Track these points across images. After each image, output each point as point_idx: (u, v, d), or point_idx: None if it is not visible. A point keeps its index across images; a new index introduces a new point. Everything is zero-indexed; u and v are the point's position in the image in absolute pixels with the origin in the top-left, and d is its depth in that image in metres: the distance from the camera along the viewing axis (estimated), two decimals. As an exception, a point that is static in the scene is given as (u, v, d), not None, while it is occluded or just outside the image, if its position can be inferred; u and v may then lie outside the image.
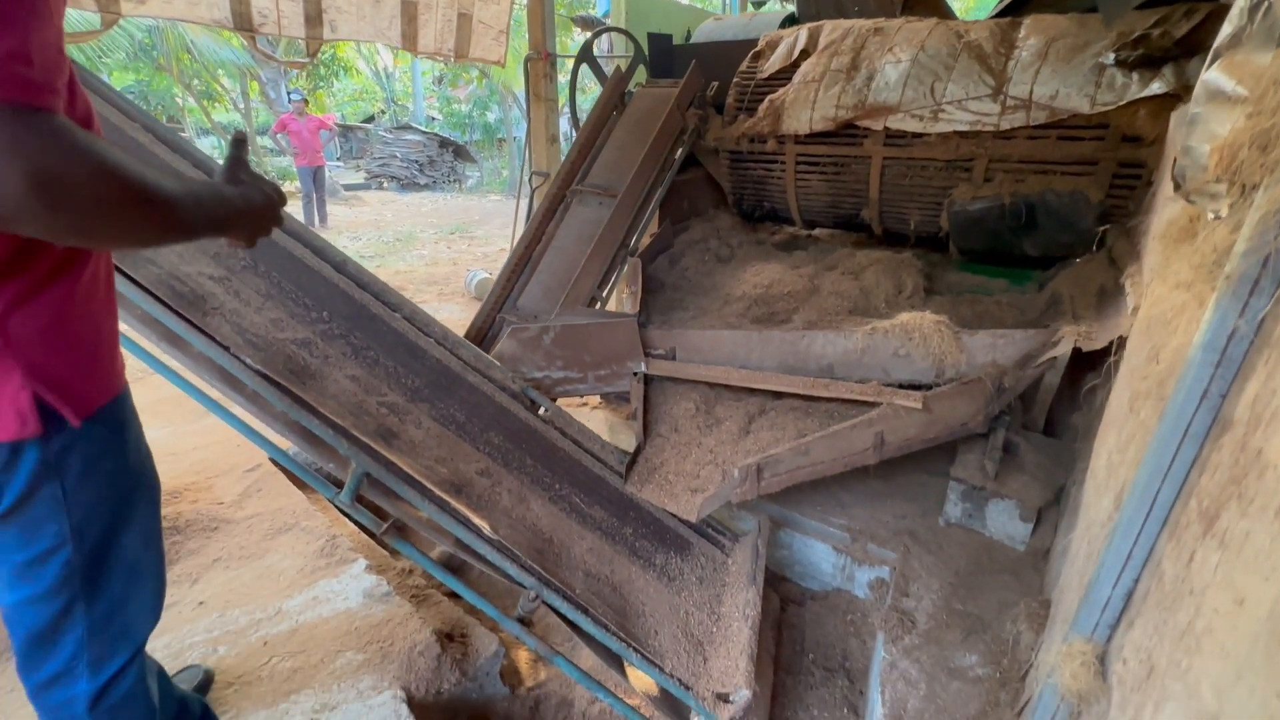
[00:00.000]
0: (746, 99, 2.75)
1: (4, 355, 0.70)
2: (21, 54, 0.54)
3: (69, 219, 0.56)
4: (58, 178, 0.54)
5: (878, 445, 1.71)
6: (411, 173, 13.69)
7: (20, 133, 0.53)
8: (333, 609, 1.61)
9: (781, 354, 1.97)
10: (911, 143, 2.35)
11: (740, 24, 3.20)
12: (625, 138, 2.81)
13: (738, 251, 2.93)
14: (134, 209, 0.60)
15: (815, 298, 2.30)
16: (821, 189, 2.67)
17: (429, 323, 1.88)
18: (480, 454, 1.60)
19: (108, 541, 0.86)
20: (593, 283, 2.45)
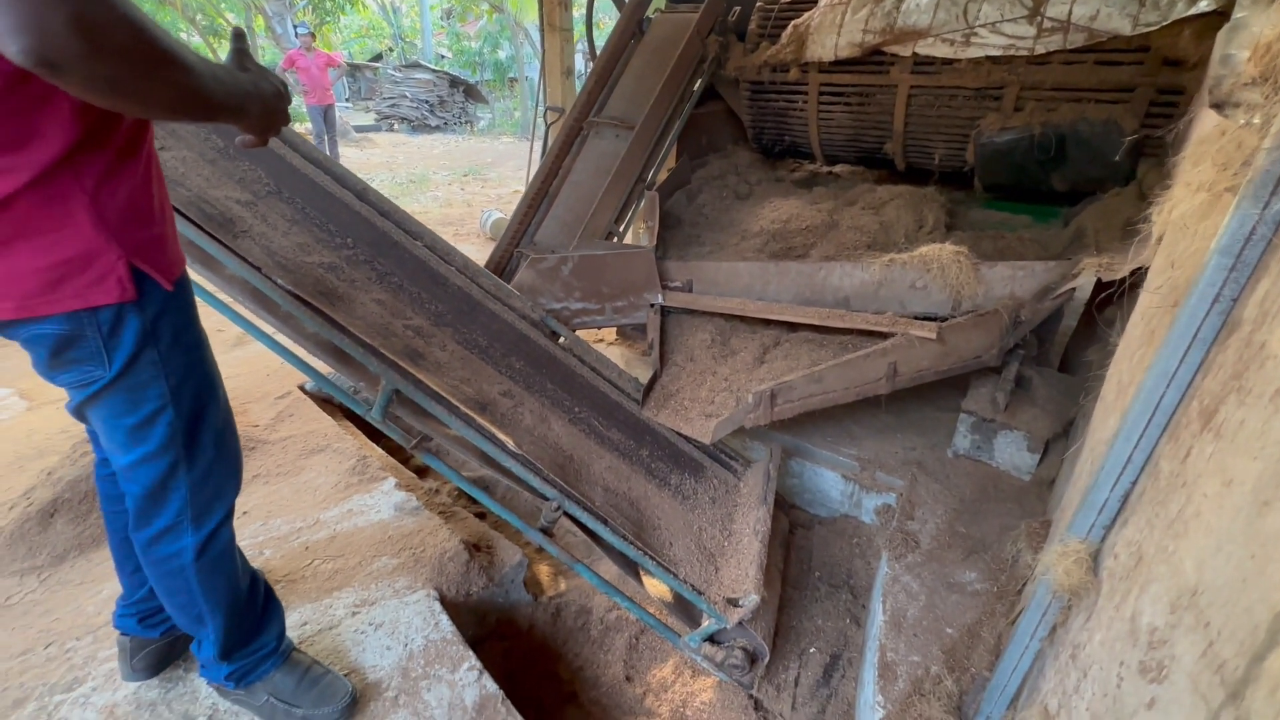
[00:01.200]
0: (770, 24, 2.64)
1: (100, 228, 0.77)
2: None
3: (106, 67, 0.60)
4: (96, 24, 0.57)
5: (890, 375, 1.74)
6: (422, 113, 13.40)
7: None
8: (367, 520, 1.72)
9: (798, 286, 1.98)
10: (940, 70, 2.27)
11: (765, -57, 3.04)
12: (643, 67, 2.74)
13: (756, 189, 2.89)
14: (162, 67, 0.64)
15: (834, 233, 2.28)
16: (845, 121, 2.60)
17: (449, 251, 1.91)
18: (502, 376, 1.66)
19: (200, 407, 0.95)
20: (610, 216, 2.44)
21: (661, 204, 2.53)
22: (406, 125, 13.25)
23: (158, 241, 0.84)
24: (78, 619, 1.41)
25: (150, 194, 0.84)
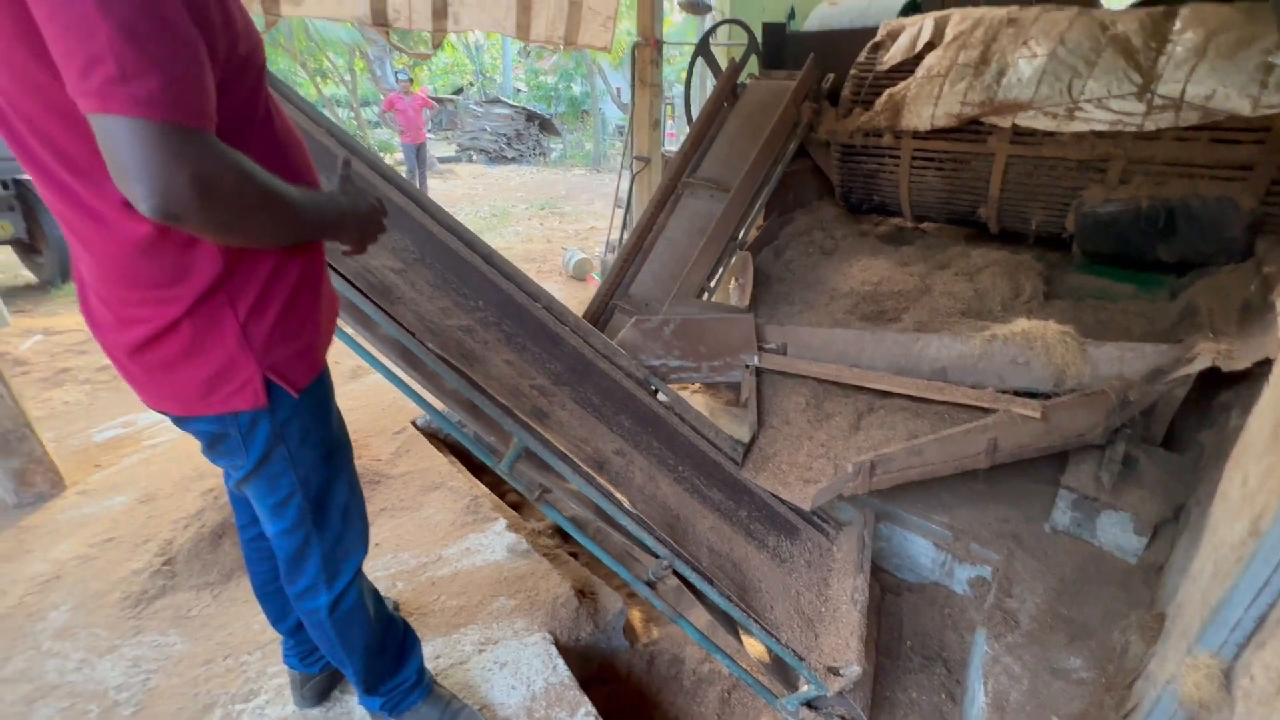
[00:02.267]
0: (864, 92, 2.73)
1: (244, 346, 0.90)
2: (184, 87, 0.67)
3: (222, 214, 0.72)
4: (211, 180, 0.69)
5: (990, 450, 1.76)
6: (499, 145, 14.14)
7: (184, 147, 0.67)
8: (483, 559, 1.87)
9: (893, 354, 2.03)
10: (1041, 141, 2.29)
11: (857, 9, 3.15)
12: (738, 131, 2.88)
13: (841, 244, 2.96)
14: (268, 207, 0.77)
15: (926, 297, 2.32)
16: (937, 185, 2.64)
17: (564, 312, 2.08)
18: (614, 435, 1.79)
19: (326, 490, 1.09)
20: (703, 275, 2.57)
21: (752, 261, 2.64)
22: (485, 156, 14.01)
23: (293, 356, 0.96)
24: (247, 635, 1.61)
25: (297, 313, 0.96)
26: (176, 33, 0.66)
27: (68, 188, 0.77)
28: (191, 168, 0.67)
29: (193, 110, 0.67)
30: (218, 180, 0.69)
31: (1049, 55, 2.20)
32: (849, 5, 3.22)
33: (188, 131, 0.67)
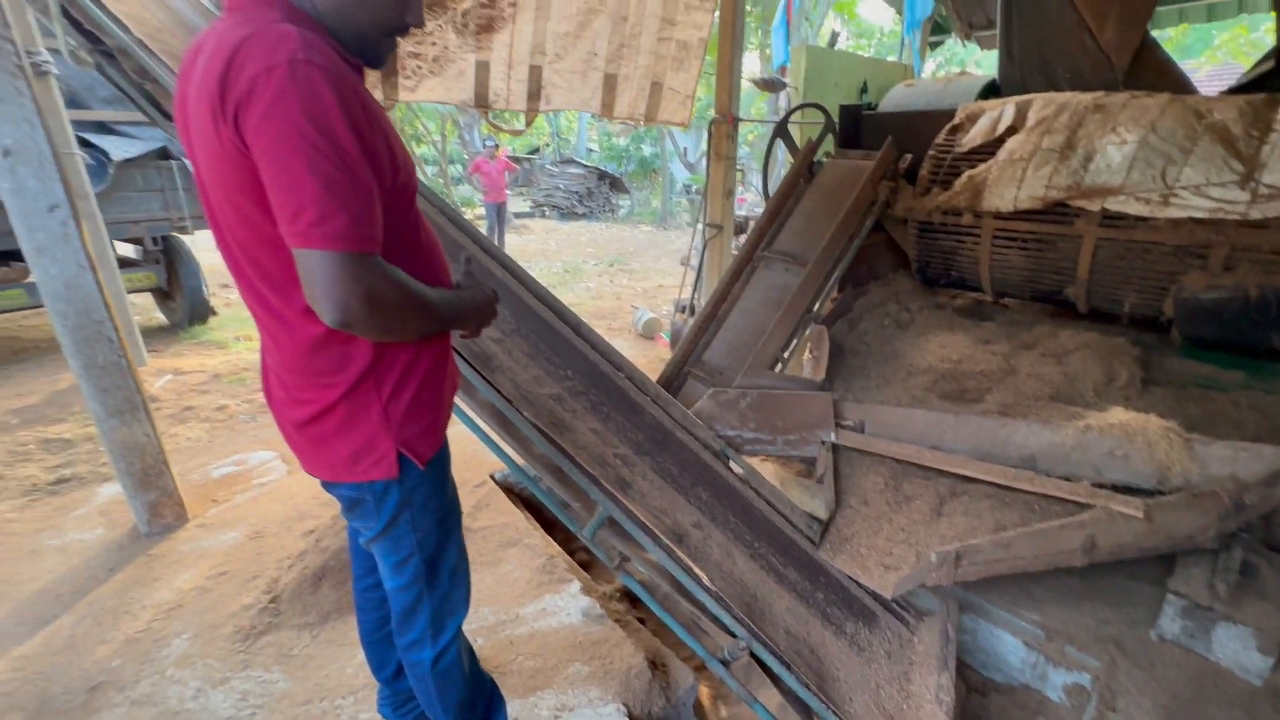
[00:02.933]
0: (942, 172, 2.78)
1: (385, 425, 1.03)
2: (360, 220, 0.81)
3: (383, 321, 0.88)
4: (379, 297, 0.84)
5: (1087, 549, 1.68)
6: (572, 202, 14.90)
7: (359, 271, 0.81)
8: (559, 621, 1.92)
9: (977, 439, 1.99)
10: (1134, 225, 2.25)
11: (934, 91, 3.23)
12: (814, 207, 2.97)
13: (918, 317, 2.95)
14: (418, 313, 0.92)
15: (1011, 379, 2.27)
16: (1020, 263, 2.62)
17: (644, 381, 2.17)
18: (692, 507, 1.83)
19: (439, 552, 1.20)
20: (778, 346, 2.62)
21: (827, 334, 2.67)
22: (557, 212, 14.77)
23: (421, 432, 1.08)
24: (342, 678, 1.72)
25: (428, 394, 1.08)
26: (359, 181, 0.82)
27: (264, 296, 0.95)
28: (364, 288, 0.82)
29: (366, 239, 0.82)
30: (382, 296, 0.85)
31: (1139, 142, 2.19)
32: (925, 87, 3.31)
33: (363, 257, 0.82)
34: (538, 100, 4.33)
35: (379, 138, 0.86)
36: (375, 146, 0.86)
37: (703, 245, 4.49)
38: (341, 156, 0.79)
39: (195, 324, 5.37)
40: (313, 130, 0.76)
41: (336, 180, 0.78)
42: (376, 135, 0.86)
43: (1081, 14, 2.79)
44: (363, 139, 0.82)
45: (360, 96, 0.84)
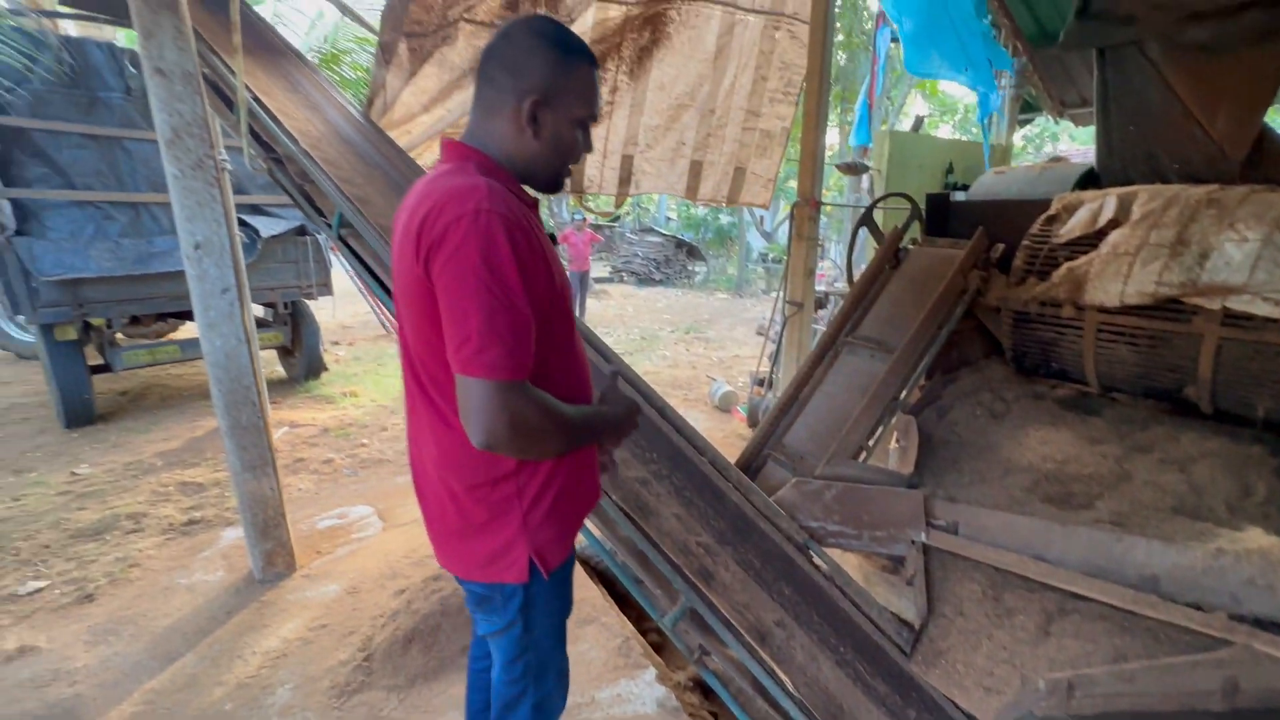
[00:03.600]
0: (1038, 262, 2.71)
1: (522, 532, 1.09)
2: (514, 352, 0.90)
3: (523, 443, 0.95)
4: (523, 423, 0.91)
5: (1228, 691, 1.50)
6: (649, 269, 15.43)
7: (507, 398, 0.90)
8: (634, 710, 1.91)
9: (1088, 552, 1.85)
10: (1262, 326, 2.09)
11: (1027, 179, 3.20)
12: (901, 294, 2.97)
13: (1014, 407, 2.81)
14: (558, 434, 0.99)
15: (1125, 485, 2.11)
16: (1130, 359, 2.47)
17: (726, 467, 2.20)
18: (775, 604, 1.80)
19: (550, 656, 1.25)
20: (863, 434, 2.57)
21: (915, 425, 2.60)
22: (635, 278, 15.32)
23: (553, 540, 1.13)
24: (426, 748, 1.78)
25: (564, 505, 1.14)
26: (518, 316, 0.91)
27: (433, 400, 1.08)
28: (510, 415, 0.91)
29: (516, 367, 0.91)
30: (525, 421, 0.93)
31: (1264, 240, 2.07)
32: (1017, 175, 3.29)
33: (512, 384, 0.91)
34: (628, 186, 4.65)
35: (540, 267, 0.97)
36: (536, 276, 0.96)
37: (782, 322, 4.52)
38: (506, 294, 0.89)
39: (310, 379, 5.93)
40: (485, 271, 0.87)
41: (498, 316, 0.88)
42: (538, 265, 0.96)
43: (1188, 105, 2.72)
44: (526, 275, 0.92)
45: (529, 235, 0.95)
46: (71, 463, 4.10)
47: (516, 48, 0.97)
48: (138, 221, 4.74)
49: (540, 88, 0.96)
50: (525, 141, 1.00)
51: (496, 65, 0.98)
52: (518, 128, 0.98)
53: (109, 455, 4.24)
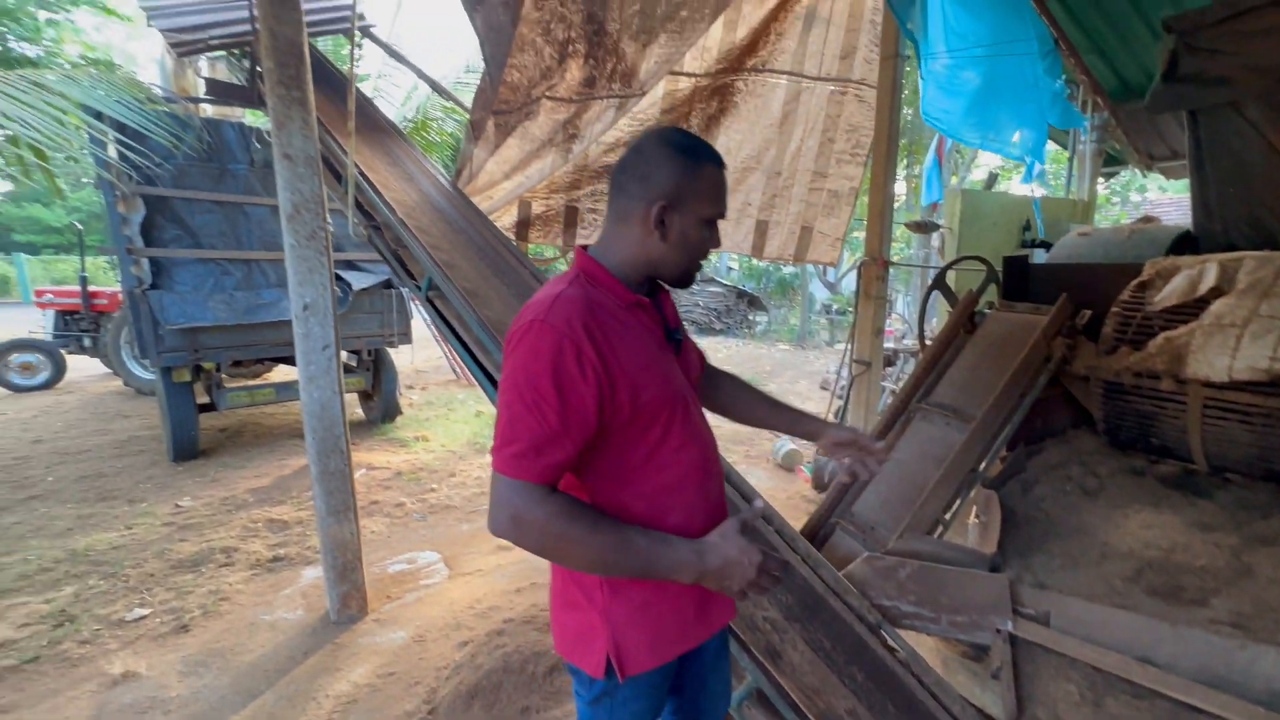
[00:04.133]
0: (1131, 331, 2.57)
1: (603, 625, 1.06)
2: (527, 454, 0.91)
3: (530, 544, 0.94)
4: (523, 522, 0.92)
5: (1392, 843, 1.29)
6: (710, 319, 15.50)
7: (512, 496, 0.92)
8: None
9: (1207, 659, 1.67)
10: (1404, 409, 1.88)
11: (1113, 242, 3.07)
12: (978, 360, 2.87)
13: (1109, 483, 2.62)
14: (579, 548, 0.94)
15: (1247, 581, 1.91)
16: (1245, 439, 2.27)
17: (794, 537, 2.15)
18: (847, 690, 1.71)
19: None
20: (939, 507, 2.46)
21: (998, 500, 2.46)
22: (695, 327, 15.40)
23: (639, 646, 1.07)
24: (486, 814, 1.77)
25: (652, 613, 1.08)
26: (545, 424, 0.92)
27: None
28: (511, 512, 0.93)
29: (529, 470, 0.92)
30: (529, 522, 0.92)
31: (1398, 315, 1.89)
32: (1103, 238, 3.16)
33: (521, 485, 0.92)
34: (693, 244, 4.76)
35: (592, 394, 0.95)
36: (584, 400, 0.94)
37: (849, 379, 4.43)
38: (537, 403, 0.92)
39: (386, 422, 6.26)
40: (522, 378, 0.93)
41: (521, 421, 0.92)
42: (588, 391, 0.94)
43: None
44: (564, 388, 0.93)
45: (585, 355, 0.94)
46: (176, 495, 4.47)
47: (645, 157, 1.02)
48: (249, 276, 5.27)
49: (667, 192, 1.00)
50: (653, 243, 1.03)
51: (628, 176, 1.03)
52: (646, 231, 1.02)
53: (208, 489, 4.59)
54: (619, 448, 1.02)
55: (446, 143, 10.28)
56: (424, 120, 9.74)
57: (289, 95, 2.43)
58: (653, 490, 1.05)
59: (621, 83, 3.91)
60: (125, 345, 7.68)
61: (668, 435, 1.05)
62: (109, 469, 5.09)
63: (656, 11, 3.67)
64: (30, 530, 3.87)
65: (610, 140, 4.40)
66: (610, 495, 1.04)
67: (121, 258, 4.79)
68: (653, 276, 1.08)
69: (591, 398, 0.94)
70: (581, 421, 0.94)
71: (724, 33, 4.24)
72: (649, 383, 1.02)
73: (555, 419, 0.92)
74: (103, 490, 4.60)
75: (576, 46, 3.61)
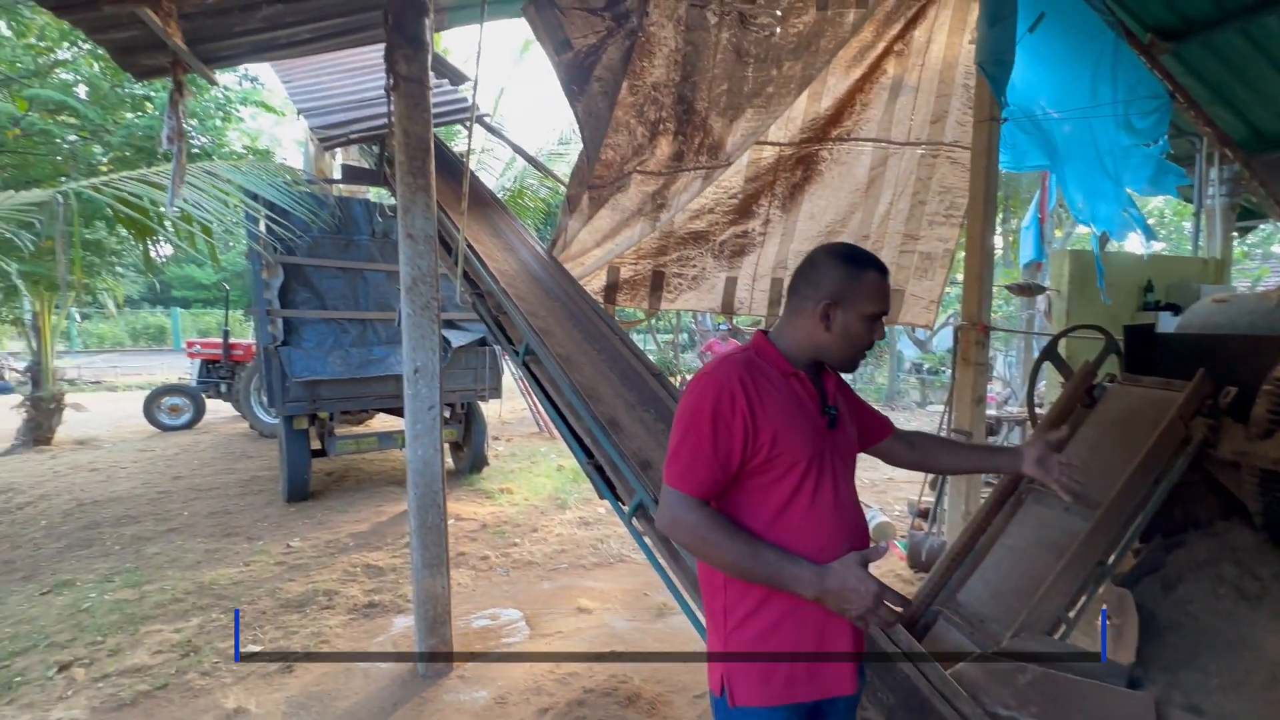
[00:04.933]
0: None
1: (722, 649, 1.21)
2: (686, 471, 1.15)
3: (683, 541, 1.17)
4: (677, 524, 1.16)
5: None
6: (791, 376, 15.15)
7: (674, 501, 1.16)
8: None
9: None
10: None
11: (1260, 309, 2.76)
12: (1100, 439, 2.62)
13: (1273, 587, 2.26)
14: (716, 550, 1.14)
15: None
16: None
17: (893, 625, 2.00)
18: (961, 814, 1.54)
19: None
20: (1060, 603, 2.22)
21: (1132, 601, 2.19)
22: (776, 384, 15.08)
23: (749, 679, 1.17)
24: None
25: (770, 645, 1.17)
26: (699, 449, 1.16)
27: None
28: (671, 515, 1.17)
29: (686, 483, 1.16)
30: (682, 524, 1.16)
31: None
32: (1244, 305, 2.85)
33: (681, 495, 1.16)
34: (777, 307, 4.77)
35: (738, 432, 1.16)
36: (731, 436, 1.16)
37: (947, 451, 4.15)
38: (698, 432, 1.15)
39: (474, 473, 6.53)
40: (688, 414, 1.17)
41: (684, 443, 1.17)
42: (735, 430, 1.15)
43: None
44: (718, 424, 1.15)
45: (737, 403, 1.15)
46: (287, 535, 4.84)
47: (816, 266, 1.25)
48: (364, 334, 5.80)
49: (832, 293, 1.21)
50: (820, 334, 1.24)
51: (802, 280, 1.26)
52: (814, 324, 1.23)
53: (315, 531, 4.94)
54: (761, 490, 1.19)
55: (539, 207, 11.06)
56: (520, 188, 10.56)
57: (415, 183, 2.73)
58: (787, 542, 1.17)
59: (709, 155, 4.08)
60: (254, 392, 8.58)
61: (801, 489, 1.20)
62: (233, 506, 5.61)
63: (744, 90, 3.84)
64: (168, 561, 4.31)
65: (696, 207, 4.56)
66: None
67: (260, 318, 5.43)
68: (819, 360, 1.28)
69: (738, 434, 1.15)
70: (727, 451, 1.15)
71: (808, 104, 4.35)
72: (789, 435, 1.19)
73: (708, 446, 1.14)
74: (227, 526, 5.07)
75: (667, 125, 3.83)
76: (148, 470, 6.90)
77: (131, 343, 23.62)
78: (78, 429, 8.97)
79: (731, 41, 3.65)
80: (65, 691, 2.79)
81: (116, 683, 2.85)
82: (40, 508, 5.60)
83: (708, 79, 3.73)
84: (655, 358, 15.36)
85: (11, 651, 3.11)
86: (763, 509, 1.19)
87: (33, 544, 4.73)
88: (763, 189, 4.50)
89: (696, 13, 3.49)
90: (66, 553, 4.52)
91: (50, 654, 3.09)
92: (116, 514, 5.37)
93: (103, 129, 6.37)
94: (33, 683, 2.86)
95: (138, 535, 4.86)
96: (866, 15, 3.82)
